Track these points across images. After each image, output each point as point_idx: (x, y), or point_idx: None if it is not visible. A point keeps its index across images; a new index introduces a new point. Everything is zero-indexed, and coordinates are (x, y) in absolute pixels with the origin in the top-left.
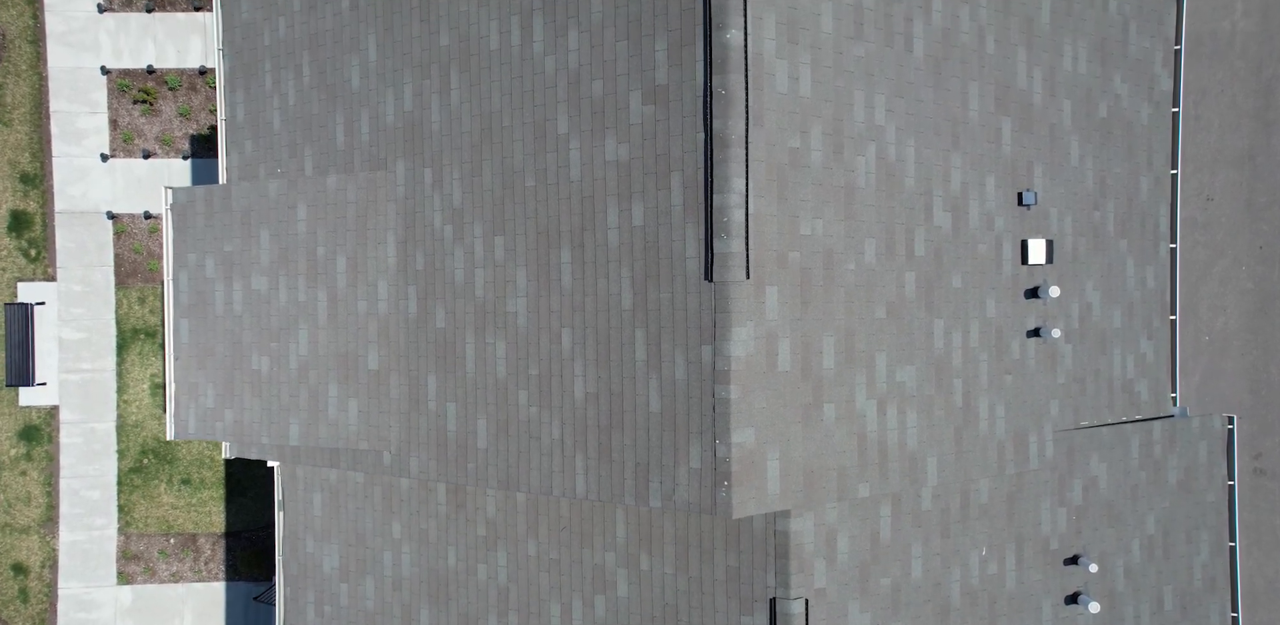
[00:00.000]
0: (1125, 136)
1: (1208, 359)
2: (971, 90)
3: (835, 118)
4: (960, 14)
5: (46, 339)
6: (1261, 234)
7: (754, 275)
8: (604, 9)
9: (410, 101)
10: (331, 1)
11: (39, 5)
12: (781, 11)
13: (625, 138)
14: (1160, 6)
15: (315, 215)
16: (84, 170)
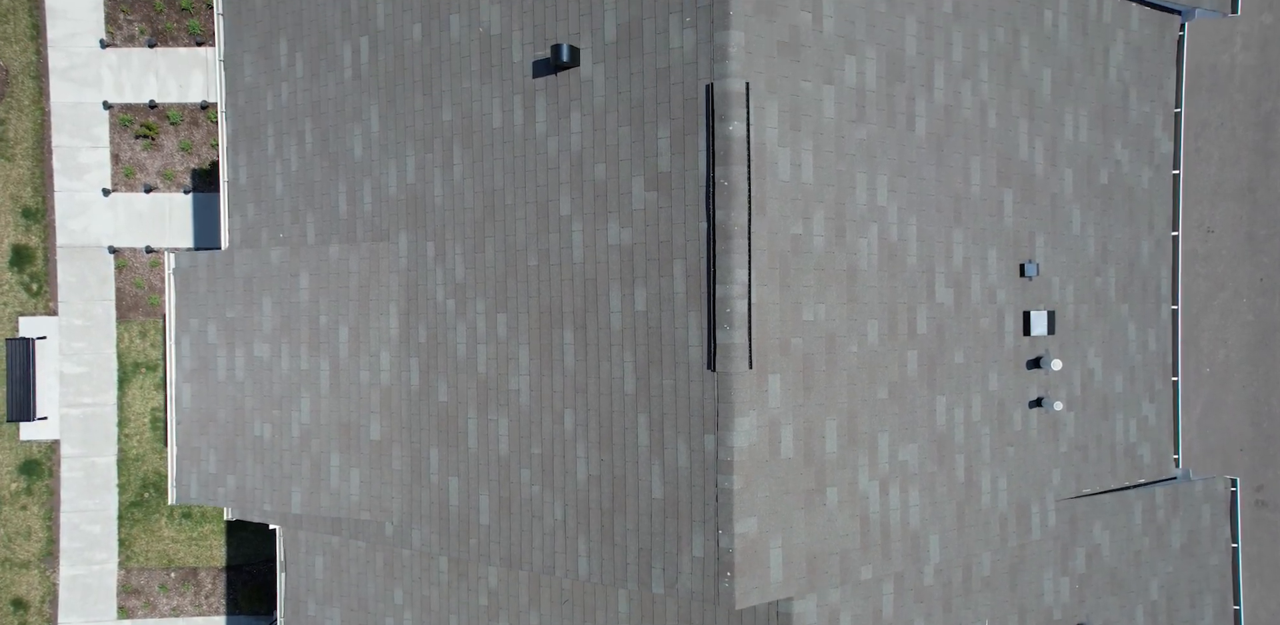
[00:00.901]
0: (1126, 202)
1: (1209, 391)
2: (973, 165)
3: (837, 201)
4: (962, 90)
5: (48, 373)
6: (1262, 266)
7: (756, 364)
8: (606, 94)
9: (413, 174)
10: (334, 70)
11: (42, 41)
12: (784, 99)
13: (628, 222)
14: (1160, 71)
15: (317, 284)
16: (85, 204)
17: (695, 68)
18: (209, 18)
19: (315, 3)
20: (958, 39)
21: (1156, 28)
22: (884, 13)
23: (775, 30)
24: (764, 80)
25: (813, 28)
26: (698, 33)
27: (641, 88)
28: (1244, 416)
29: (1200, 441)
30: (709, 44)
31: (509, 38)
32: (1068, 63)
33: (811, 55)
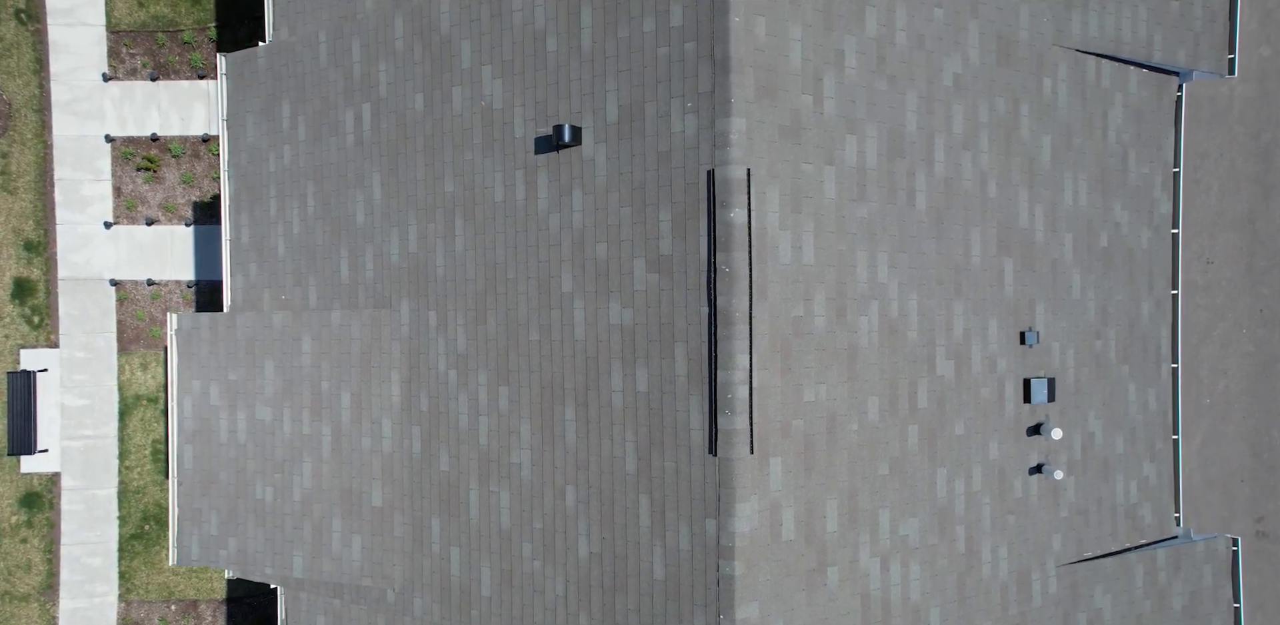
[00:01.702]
0: (1126, 263)
1: (1208, 422)
2: (974, 236)
3: (838, 281)
4: (963, 162)
5: (49, 406)
6: (1262, 297)
7: (758, 449)
8: (608, 174)
9: (415, 243)
10: (336, 135)
11: (44, 74)
12: (785, 183)
13: (629, 303)
14: (1159, 131)
15: (320, 349)
16: (87, 237)
17: (696, 152)
18: (211, 51)
19: (317, 67)
20: (958, 111)
21: (1155, 90)
22: (885, 91)
23: (777, 115)
24: (765, 165)
25: (814, 110)
26: (699, 118)
27: (643, 170)
28: (1244, 447)
29: (1200, 472)
30: (710, 130)
31: (511, 113)
32: (1067, 128)
33: (812, 137)
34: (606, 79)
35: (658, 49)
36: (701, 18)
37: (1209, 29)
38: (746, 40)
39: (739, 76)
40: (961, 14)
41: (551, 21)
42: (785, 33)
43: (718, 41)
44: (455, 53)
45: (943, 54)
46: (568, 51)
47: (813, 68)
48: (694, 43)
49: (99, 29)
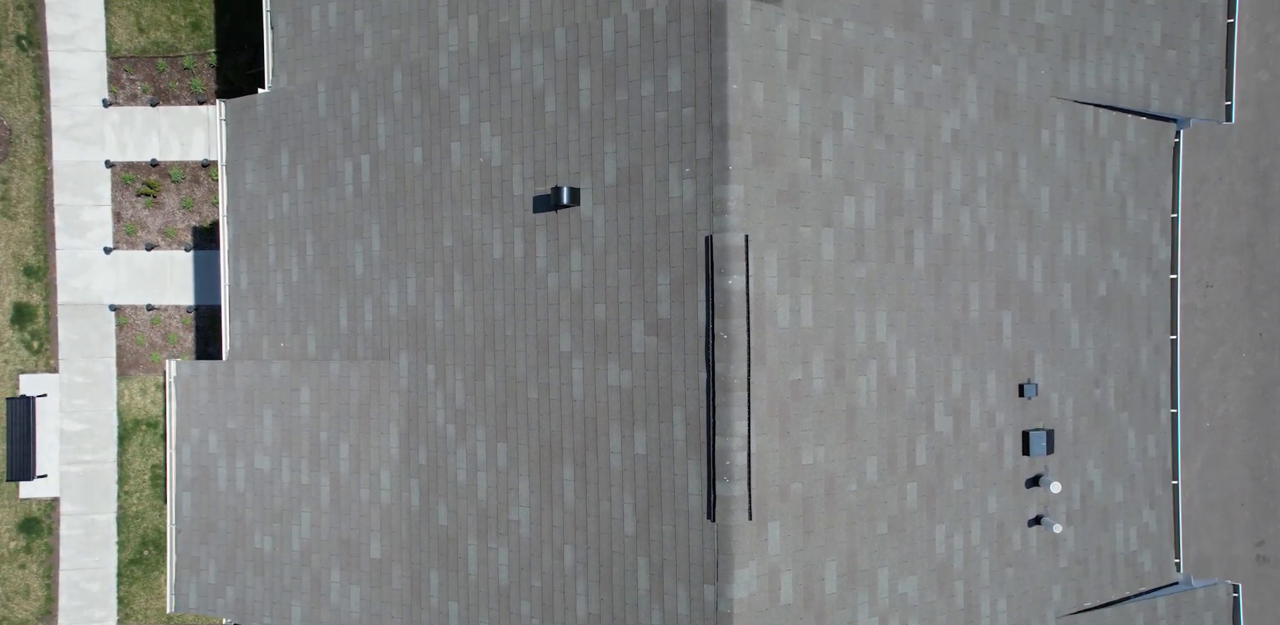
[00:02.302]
0: (1125, 310)
1: (1208, 446)
2: (972, 291)
3: (837, 342)
4: (961, 218)
5: (48, 431)
6: (1261, 321)
7: (756, 514)
8: (607, 235)
9: (414, 296)
10: (335, 185)
11: (45, 100)
12: (783, 247)
13: (628, 365)
14: (1157, 179)
15: (318, 399)
16: (87, 262)
17: (695, 218)
18: (211, 77)
19: (316, 117)
20: (956, 167)
21: (1152, 137)
22: (883, 151)
23: (775, 180)
24: (763, 230)
25: (812, 173)
26: (697, 184)
27: (641, 233)
28: (1244, 471)
29: (1200, 496)
30: (708, 196)
31: (510, 170)
32: (1065, 179)
33: (811, 200)
34: (605, 141)
35: (656, 113)
36: (700, 84)
37: (1206, 77)
38: (744, 107)
39: (737, 143)
40: (960, 70)
41: (550, 82)
42: (783, 97)
43: (715, 108)
44: (454, 108)
45: (941, 111)
46: (566, 112)
47: (811, 131)
48: (692, 108)
49: (99, 55)
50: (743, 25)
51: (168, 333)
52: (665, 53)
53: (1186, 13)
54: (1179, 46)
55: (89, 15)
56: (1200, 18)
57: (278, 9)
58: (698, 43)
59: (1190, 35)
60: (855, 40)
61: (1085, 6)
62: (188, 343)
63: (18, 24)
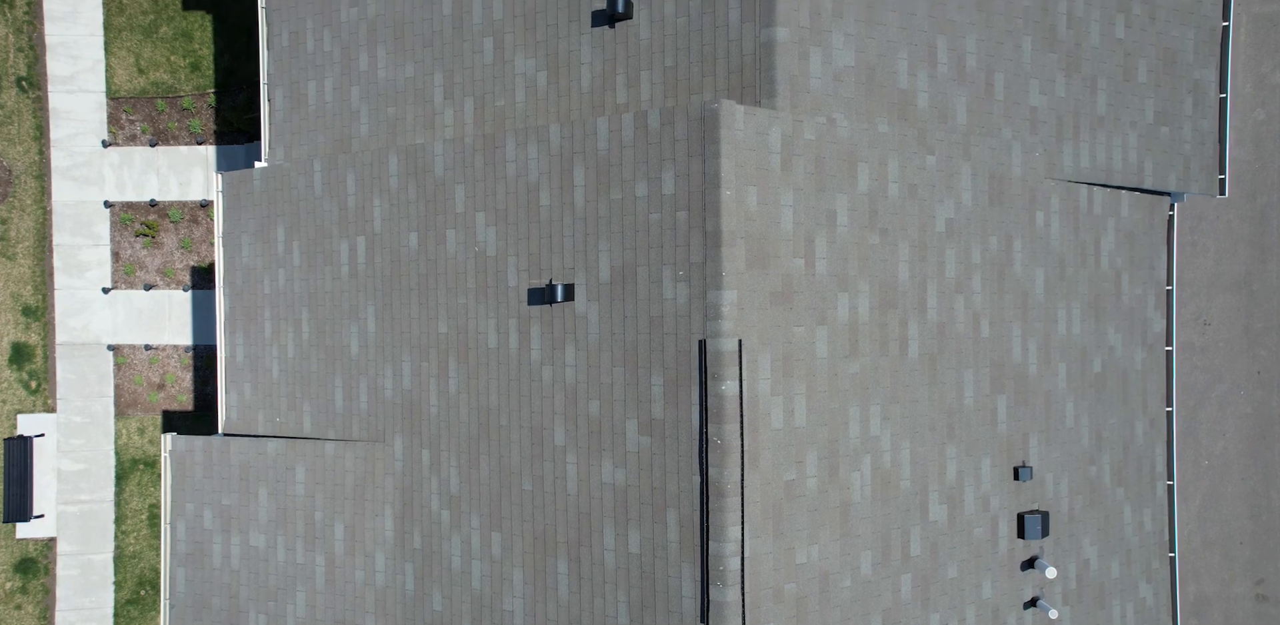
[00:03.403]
0: (1120, 385)
1: (1207, 483)
2: (966, 378)
3: (830, 439)
4: (955, 306)
5: (45, 471)
6: (1259, 359)
7: (750, 618)
8: (601, 332)
9: (409, 380)
10: (331, 264)
11: (45, 141)
12: (777, 348)
13: (622, 463)
14: (1151, 252)
15: (313, 478)
16: (85, 302)
17: (689, 321)
18: (210, 117)
19: (312, 195)
20: (950, 256)
21: (1147, 211)
22: (877, 245)
23: (768, 281)
24: (756, 333)
25: (805, 273)
26: (691, 288)
27: (635, 332)
28: (1243, 509)
29: (1199, 534)
30: (702, 300)
31: (504, 261)
32: (1060, 259)
33: (804, 299)
34: (599, 238)
35: (650, 214)
36: (693, 188)
37: (1199, 151)
38: (738, 212)
39: (730, 249)
40: (954, 159)
41: (545, 176)
42: (777, 199)
43: (709, 214)
44: (449, 196)
45: (935, 201)
46: (561, 207)
47: (804, 231)
48: (686, 212)
49: (99, 95)
50: (736, 131)
51: (166, 372)
52: (659, 155)
53: (1179, 89)
54: (1171, 123)
55: (89, 56)
56: (1193, 94)
57: (274, 83)
58: (691, 147)
59: (1183, 111)
60: (849, 138)
61: (1079, 87)
62: (185, 382)
63: (18, 66)
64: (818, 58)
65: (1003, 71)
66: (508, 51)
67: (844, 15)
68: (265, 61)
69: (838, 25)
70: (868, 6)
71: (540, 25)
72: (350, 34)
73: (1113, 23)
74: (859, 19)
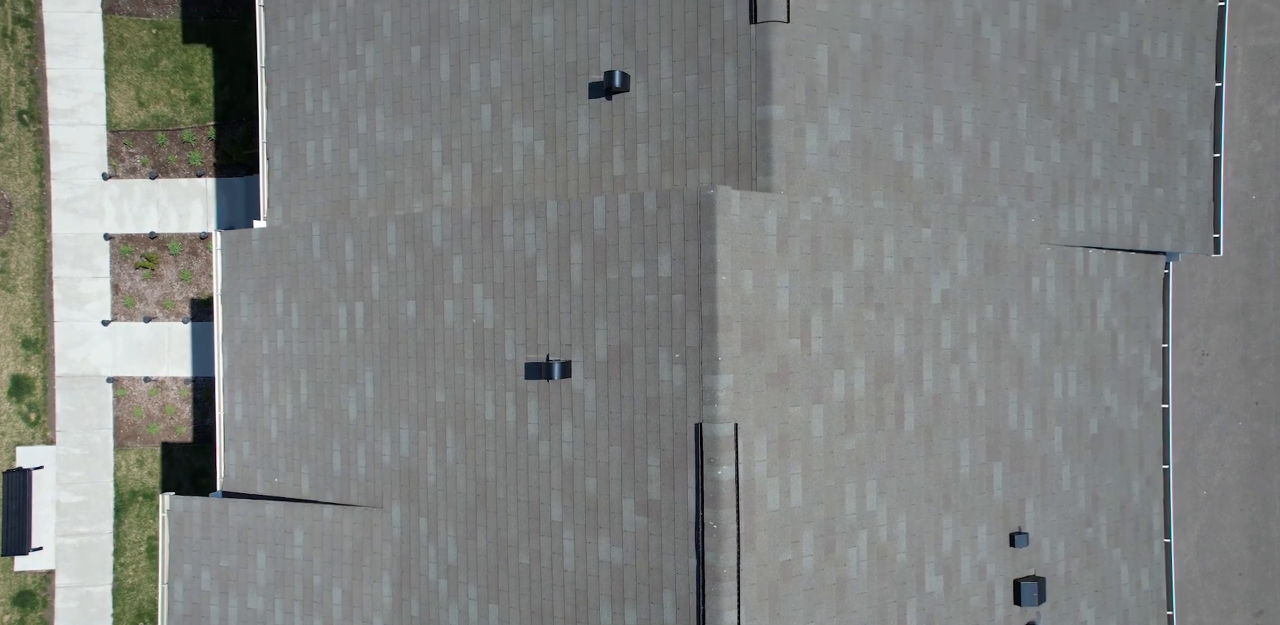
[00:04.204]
0: (1116, 445)
1: (1206, 514)
2: (963, 447)
3: (826, 517)
4: (951, 376)
5: (44, 503)
6: (1257, 390)
7: None
8: (597, 410)
9: (407, 447)
10: (330, 328)
11: (45, 173)
12: (773, 430)
13: (619, 542)
14: (1147, 311)
15: (312, 542)
16: (85, 334)
17: (685, 404)
18: (210, 150)
19: (311, 258)
20: (946, 327)
21: (1142, 271)
22: (872, 320)
23: (764, 363)
24: (752, 416)
25: (801, 352)
26: (687, 371)
27: (632, 412)
28: (1242, 540)
29: (1198, 564)
30: (698, 384)
31: (502, 334)
32: (1056, 323)
33: (800, 379)
34: (596, 316)
35: (646, 296)
36: (689, 272)
37: (1193, 211)
38: (733, 296)
39: (726, 334)
40: (950, 230)
41: (542, 252)
42: (772, 281)
43: (705, 298)
44: (447, 266)
45: (931, 273)
46: (558, 284)
47: (800, 311)
48: (682, 295)
49: (99, 128)
50: (732, 216)
51: (165, 404)
52: (655, 238)
53: (1173, 151)
54: (1166, 184)
55: (90, 90)
56: (1187, 155)
57: (273, 142)
58: (687, 232)
59: (1177, 172)
60: (845, 215)
61: (1074, 152)
62: (185, 414)
63: (20, 99)
64: (814, 134)
65: (998, 139)
66: (505, 119)
67: (840, 90)
68: (264, 121)
69: (834, 100)
70: (864, 80)
71: (538, 95)
72: (349, 96)
73: (1107, 87)
74: (855, 93)
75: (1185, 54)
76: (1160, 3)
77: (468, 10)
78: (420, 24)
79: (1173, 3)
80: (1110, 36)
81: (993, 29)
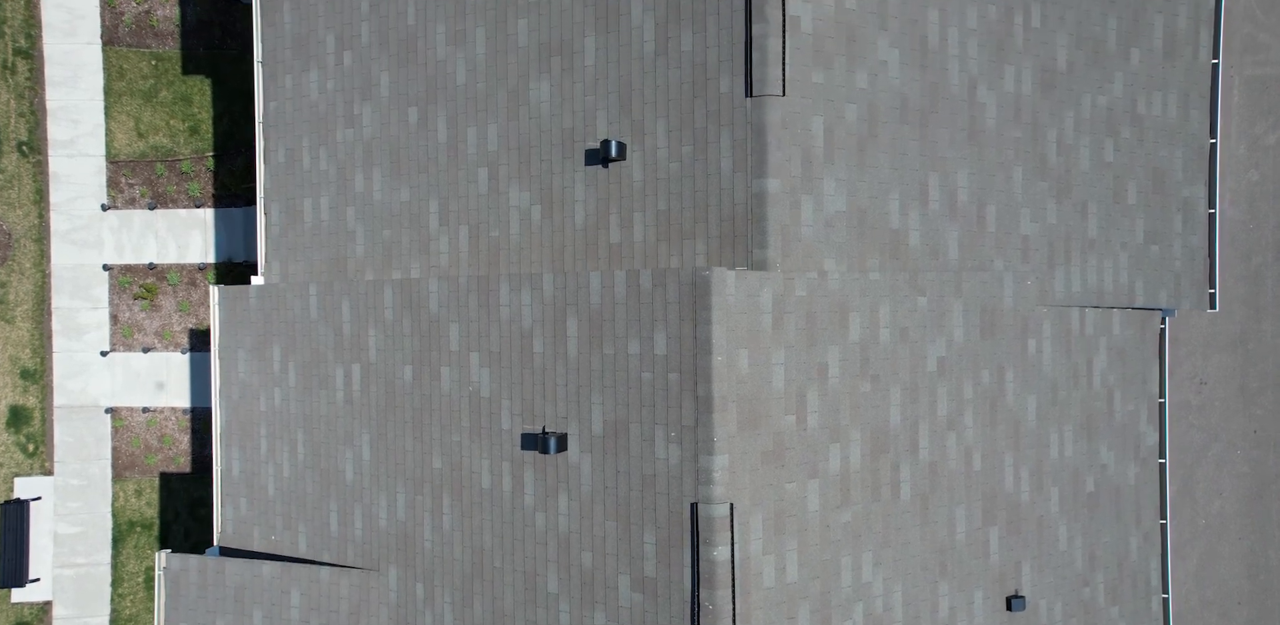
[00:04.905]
0: (1113, 502)
1: (1204, 543)
2: (958, 513)
3: (822, 592)
4: (947, 444)
5: (41, 534)
6: (1255, 418)
7: None
8: (594, 485)
9: (403, 512)
10: (326, 389)
11: (45, 204)
12: (768, 507)
13: (614, 617)
14: (1144, 366)
15: (308, 604)
16: (84, 365)
17: (680, 483)
18: (209, 181)
19: (308, 318)
20: (942, 394)
21: (1138, 327)
22: (868, 392)
23: (760, 442)
24: (748, 494)
25: (797, 429)
26: (683, 450)
27: (628, 488)
28: (1241, 569)
29: (1197, 593)
30: (694, 464)
31: (498, 404)
32: (1052, 384)
33: (796, 455)
34: (592, 391)
35: (642, 373)
36: (685, 352)
37: (1189, 268)
38: (729, 376)
39: (722, 415)
40: (945, 297)
41: (538, 324)
42: (768, 359)
43: (701, 379)
44: (444, 333)
45: (927, 341)
46: (554, 356)
47: (796, 387)
48: (677, 374)
49: (99, 159)
50: (727, 297)
51: (164, 434)
52: (651, 315)
53: (1169, 208)
54: (1162, 241)
55: (89, 121)
56: (1182, 211)
57: (270, 196)
58: (683, 311)
59: (1173, 229)
60: (840, 289)
61: (1070, 212)
62: (183, 444)
63: (19, 131)
64: (809, 205)
65: (994, 203)
66: (502, 183)
67: (836, 161)
68: (261, 176)
69: (829, 171)
70: (859, 150)
71: (534, 160)
72: (347, 154)
73: (1102, 147)
74: (851, 163)
75: (1180, 111)
76: (1154, 61)
77: (464, 73)
78: (417, 85)
79: (1166, 61)
80: (1105, 96)
81: (988, 93)
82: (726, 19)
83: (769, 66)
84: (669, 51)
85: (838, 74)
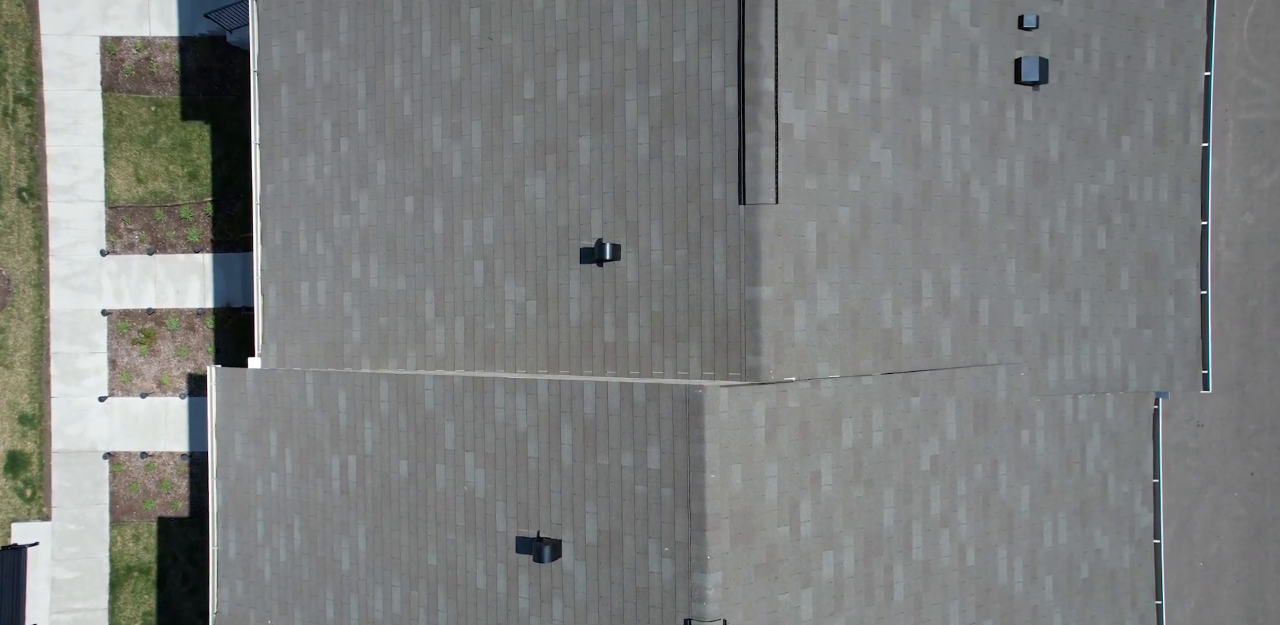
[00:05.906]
0: (1108, 587)
1: (1202, 585)
2: (952, 610)
3: None
4: (940, 541)
5: (39, 580)
6: (1252, 461)
7: None
8: (587, 594)
9: (399, 605)
10: (323, 478)
11: (44, 250)
12: (761, 620)
13: None
14: (1138, 449)
15: None
16: (82, 410)
17: (674, 597)
18: (207, 226)
19: (304, 406)
20: (935, 493)
21: (1131, 410)
22: (861, 496)
23: (753, 555)
24: (742, 609)
25: (790, 539)
26: (676, 565)
27: (622, 599)
28: (1239, 611)
29: None
30: (687, 580)
31: (493, 505)
32: (1046, 473)
33: (789, 566)
34: (586, 499)
35: (636, 486)
36: (678, 467)
37: (1181, 350)
38: (722, 493)
39: (715, 532)
40: (939, 395)
41: (533, 428)
42: (761, 473)
43: (694, 497)
44: (439, 431)
45: (920, 441)
46: (549, 462)
47: (789, 498)
48: (671, 490)
49: (98, 205)
50: (720, 414)
51: (162, 479)
52: (644, 429)
53: (1160, 291)
54: (1154, 324)
55: (89, 166)
56: (1174, 294)
57: (267, 278)
58: (676, 427)
59: (1165, 312)
60: (833, 396)
61: (1062, 302)
62: (181, 489)
63: (19, 176)
64: (802, 310)
65: (987, 297)
66: (498, 276)
67: (829, 264)
68: (259, 257)
69: (822, 275)
70: (852, 252)
71: (530, 255)
72: (343, 240)
73: (1095, 235)
74: (844, 266)
75: (1171, 195)
76: (1145, 148)
77: (461, 166)
78: (414, 175)
79: (1157, 147)
80: (1097, 185)
81: (981, 188)
82: (720, 125)
83: (762, 175)
84: (663, 155)
85: (831, 178)
